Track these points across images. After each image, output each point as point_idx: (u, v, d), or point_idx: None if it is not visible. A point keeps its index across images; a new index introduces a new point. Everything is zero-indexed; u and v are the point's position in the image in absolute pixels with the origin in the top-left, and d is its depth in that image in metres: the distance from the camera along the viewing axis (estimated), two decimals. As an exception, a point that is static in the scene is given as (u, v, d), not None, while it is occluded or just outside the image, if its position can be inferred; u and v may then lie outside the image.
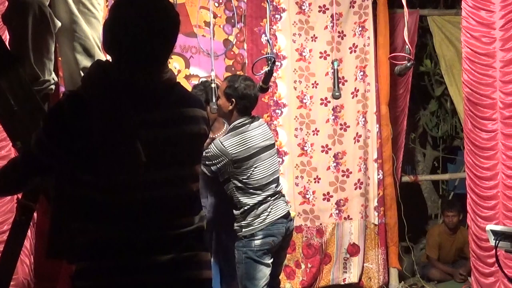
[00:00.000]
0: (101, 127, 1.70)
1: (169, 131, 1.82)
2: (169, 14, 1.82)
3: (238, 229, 3.53)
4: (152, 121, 1.78)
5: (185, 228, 1.84)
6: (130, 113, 1.73)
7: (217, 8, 5.08)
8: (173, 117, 1.83)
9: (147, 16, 1.77)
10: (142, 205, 1.78)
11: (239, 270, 3.50)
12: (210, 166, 3.46)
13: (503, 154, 4.33)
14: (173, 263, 1.80)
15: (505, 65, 4.27)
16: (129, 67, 1.78)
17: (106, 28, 1.82)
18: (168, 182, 1.81)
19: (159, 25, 1.78)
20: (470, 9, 4.39)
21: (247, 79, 3.61)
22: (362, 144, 5.38)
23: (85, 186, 1.77)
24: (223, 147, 3.42)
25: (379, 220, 5.42)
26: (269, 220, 3.51)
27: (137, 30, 1.76)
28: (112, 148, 1.72)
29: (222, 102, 3.53)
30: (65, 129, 1.73)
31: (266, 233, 3.49)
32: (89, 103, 1.72)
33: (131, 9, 1.78)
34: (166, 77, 1.85)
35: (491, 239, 2.94)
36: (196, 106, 1.94)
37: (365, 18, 5.38)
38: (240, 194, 3.50)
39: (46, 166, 1.83)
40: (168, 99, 1.85)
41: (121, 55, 1.79)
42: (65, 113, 1.74)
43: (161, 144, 1.79)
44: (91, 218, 1.78)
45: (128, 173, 1.75)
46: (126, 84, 1.76)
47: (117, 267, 1.76)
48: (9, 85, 2.21)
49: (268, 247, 3.50)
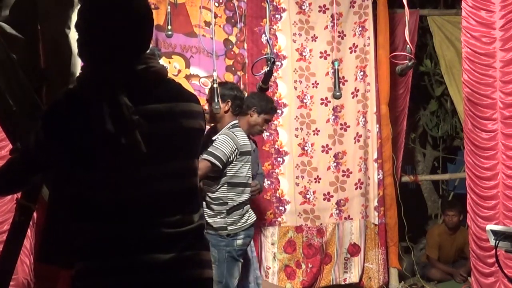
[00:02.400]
0: (99, 120, 1.70)
1: (165, 125, 1.81)
2: (136, 8, 1.82)
3: (223, 226, 3.66)
4: (147, 114, 1.78)
5: (185, 227, 1.83)
6: (127, 103, 1.73)
7: (217, 8, 5.08)
8: (168, 111, 1.83)
9: (105, 14, 1.79)
10: (140, 201, 1.77)
11: (218, 269, 3.60)
12: (221, 156, 3.59)
13: (503, 154, 4.33)
14: (174, 262, 1.79)
15: (505, 65, 4.27)
16: (109, 59, 1.78)
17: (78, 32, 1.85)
18: (165, 177, 1.80)
19: (120, 21, 1.79)
20: (470, 9, 4.39)
21: (234, 84, 3.95)
22: (362, 144, 5.38)
23: (84, 183, 1.77)
24: (233, 135, 3.65)
25: (379, 220, 5.42)
26: (250, 222, 3.75)
27: (97, 27, 1.78)
28: (112, 140, 1.71)
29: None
30: (63, 126, 1.73)
31: (246, 234, 3.72)
32: (86, 99, 1.73)
33: (103, 11, 1.81)
34: (153, 70, 1.84)
35: (491, 239, 2.93)
36: (192, 101, 1.93)
37: (365, 18, 5.39)
38: (229, 190, 3.67)
39: (43, 164, 1.83)
40: (162, 93, 1.84)
41: (100, 52, 1.80)
42: (63, 110, 1.75)
43: (158, 137, 1.79)
44: (90, 217, 1.78)
45: (128, 165, 1.75)
46: (117, 75, 1.76)
47: (117, 266, 1.75)
48: (8, 85, 2.21)
49: (245, 247, 3.75)
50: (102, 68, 1.77)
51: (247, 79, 5.14)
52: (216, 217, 3.66)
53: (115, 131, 1.70)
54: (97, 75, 1.76)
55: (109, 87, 1.73)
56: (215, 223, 3.65)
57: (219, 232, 3.64)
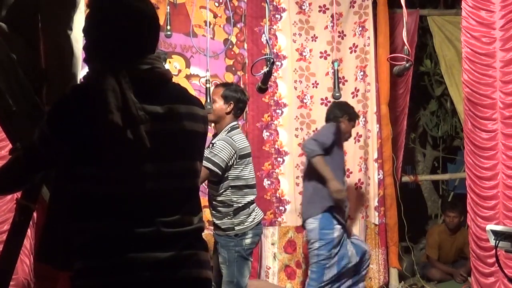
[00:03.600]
0: (106, 113, 1.71)
1: (167, 125, 1.83)
2: (135, 10, 1.88)
3: (231, 227, 3.65)
4: (151, 114, 1.79)
5: (185, 227, 1.84)
6: (133, 99, 1.75)
7: (217, 8, 5.09)
8: (171, 112, 1.84)
9: (111, 15, 1.85)
10: (140, 199, 1.78)
11: (229, 269, 3.62)
12: (220, 162, 3.58)
13: (503, 154, 4.33)
14: (173, 261, 1.80)
15: (505, 65, 4.27)
16: (115, 59, 1.83)
17: (85, 31, 1.90)
18: (166, 176, 1.81)
19: (128, 21, 1.85)
20: (470, 9, 4.39)
21: (239, 87, 3.91)
22: (363, 144, 5.38)
23: (86, 179, 1.78)
24: (231, 140, 3.62)
25: (379, 220, 5.42)
26: (257, 220, 3.72)
27: (104, 28, 1.84)
28: (118, 134, 1.72)
29: (219, 105, 3.67)
30: (68, 120, 1.75)
31: (255, 232, 3.70)
32: (94, 93, 1.75)
33: (101, 10, 1.88)
34: (158, 71, 1.87)
35: (491, 239, 2.93)
36: (196, 104, 1.95)
37: (365, 18, 5.39)
38: (233, 193, 3.66)
39: (47, 160, 1.84)
40: (166, 94, 1.86)
41: (108, 51, 1.85)
42: (69, 105, 1.76)
43: (160, 137, 1.80)
44: (91, 215, 1.79)
45: (131, 161, 1.76)
46: (123, 73, 1.79)
47: (116, 265, 1.76)
48: (7, 85, 2.21)
49: (254, 246, 3.75)
50: (109, 66, 1.80)
51: (247, 79, 5.15)
52: (223, 219, 3.66)
53: (122, 124, 1.71)
54: (105, 71, 1.78)
55: (117, 82, 1.75)
56: (223, 224, 3.66)
57: (227, 233, 3.64)
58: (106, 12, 1.87)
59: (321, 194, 4.37)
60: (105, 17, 1.86)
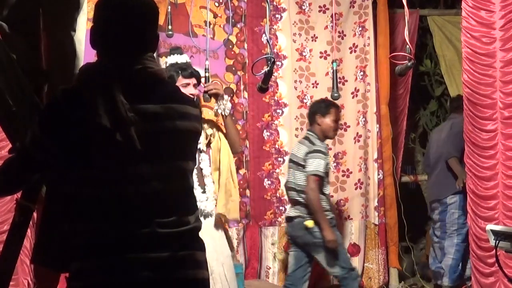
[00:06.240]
0: (95, 115, 1.72)
1: (159, 125, 1.83)
2: (139, 10, 1.90)
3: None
4: (142, 114, 1.79)
5: (181, 227, 1.84)
6: (122, 101, 1.75)
7: (217, 8, 5.08)
8: (163, 112, 1.84)
9: (119, 11, 1.87)
10: (134, 200, 1.78)
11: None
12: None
13: (503, 154, 4.32)
14: (169, 262, 1.80)
15: (505, 65, 4.26)
16: (109, 56, 1.86)
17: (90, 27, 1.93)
18: (159, 176, 1.81)
19: (130, 19, 1.87)
20: (470, 9, 4.38)
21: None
22: (362, 144, 5.38)
23: (79, 181, 1.78)
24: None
25: (379, 220, 5.43)
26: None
27: (109, 24, 1.87)
28: (107, 136, 1.72)
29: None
30: (59, 122, 1.75)
31: None
32: (84, 95, 1.75)
33: (106, 8, 1.90)
34: (153, 70, 1.87)
35: (491, 239, 2.93)
36: (188, 104, 1.95)
37: (365, 18, 5.39)
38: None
39: (40, 162, 1.84)
40: (159, 94, 1.86)
41: (102, 47, 1.88)
42: (60, 106, 1.76)
43: (152, 137, 1.80)
44: (85, 217, 1.79)
45: (122, 163, 1.76)
46: (114, 74, 1.80)
47: (112, 266, 1.76)
48: (8, 85, 2.20)
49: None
50: (102, 64, 1.81)
51: (248, 79, 5.15)
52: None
53: (110, 126, 1.71)
54: (96, 71, 1.79)
55: (106, 83, 1.76)
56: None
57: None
58: (103, 11, 1.89)
59: None
60: (101, 16, 1.89)
